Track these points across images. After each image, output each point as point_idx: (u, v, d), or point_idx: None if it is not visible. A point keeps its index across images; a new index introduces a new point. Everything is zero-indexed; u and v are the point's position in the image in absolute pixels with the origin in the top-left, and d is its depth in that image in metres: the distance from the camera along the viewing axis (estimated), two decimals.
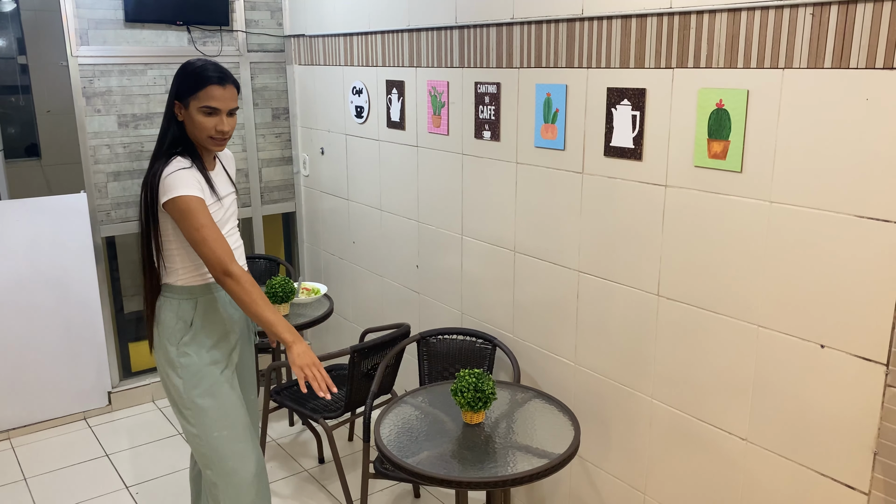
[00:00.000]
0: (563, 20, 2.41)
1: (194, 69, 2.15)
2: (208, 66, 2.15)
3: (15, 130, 5.61)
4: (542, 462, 2.08)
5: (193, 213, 2.03)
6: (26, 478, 3.34)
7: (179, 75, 2.16)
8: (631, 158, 2.26)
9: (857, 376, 1.80)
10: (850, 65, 1.70)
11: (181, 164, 2.10)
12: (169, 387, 2.24)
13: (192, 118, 2.12)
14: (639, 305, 2.33)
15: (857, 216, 1.74)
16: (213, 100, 2.11)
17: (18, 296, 3.59)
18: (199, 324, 2.21)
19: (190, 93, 2.11)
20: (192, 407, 2.21)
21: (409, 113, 3.25)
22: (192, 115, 2.12)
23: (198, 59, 2.20)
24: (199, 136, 2.15)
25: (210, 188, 2.16)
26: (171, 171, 2.07)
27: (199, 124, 2.12)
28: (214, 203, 2.17)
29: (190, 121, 2.13)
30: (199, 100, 2.10)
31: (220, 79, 2.13)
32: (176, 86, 2.15)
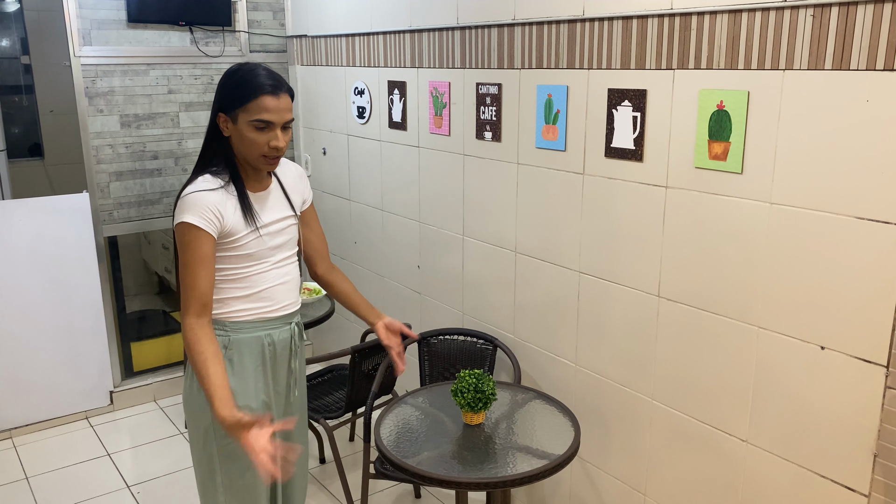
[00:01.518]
0: (564, 21, 2.42)
1: (242, 76, 1.85)
2: (259, 71, 1.85)
3: (18, 130, 5.62)
4: (543, 463, 2.08)
5: (185, 246, 1.81)
6: (28, 477, 3.35)
7: (224, 83, 1.87)
8: (631, 159, 2.26)
9: (857, 378, 1.80)
10: (850, 66, 1.70)
11: (205, 185, 1.84)
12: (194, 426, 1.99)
13: (240, 134, 1.84)
14: (639, 306, 2.33)
15: (857, 218, 1.74)
16: (265, 112, 1.82)
17: (21, 295, 3.60)
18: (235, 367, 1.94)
19: (238, 104, 1.83)
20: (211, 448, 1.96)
21: (410, 113, 3.25)
22: (242, 130, 1.84)
23: (245, 64, 1.89)
24: (250, 155, 1.87)
25: (248, 214, 1.86)
26: (190, 191, 1.83)
27: (249, 141, 1.84)
28: (250, 233, 1.88)
29: (238, 137, 1.85)
30: (250, 112, 1.82)
31: (274, 87, 1.84)
32: (220, 95, 1.87)
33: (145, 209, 3.91)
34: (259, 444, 1.67)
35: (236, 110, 1.84)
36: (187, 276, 1.82)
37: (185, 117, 3.94)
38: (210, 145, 1.92)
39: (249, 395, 1.98)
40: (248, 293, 1.94)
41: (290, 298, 2.04)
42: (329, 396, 3.20)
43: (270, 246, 1.95)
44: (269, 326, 2.00)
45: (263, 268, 1.96)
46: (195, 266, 1.81)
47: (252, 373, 1.98)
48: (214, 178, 1.87)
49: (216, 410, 1.74)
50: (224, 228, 1.85)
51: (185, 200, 1.82)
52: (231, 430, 1.71)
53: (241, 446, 1.74)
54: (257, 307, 1.97)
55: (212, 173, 1.88)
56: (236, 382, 1.95)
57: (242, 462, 1.97)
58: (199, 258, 1.81)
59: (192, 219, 1.80)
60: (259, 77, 1.84)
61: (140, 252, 5.32)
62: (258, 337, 1.98)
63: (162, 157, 3.91)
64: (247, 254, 1.91)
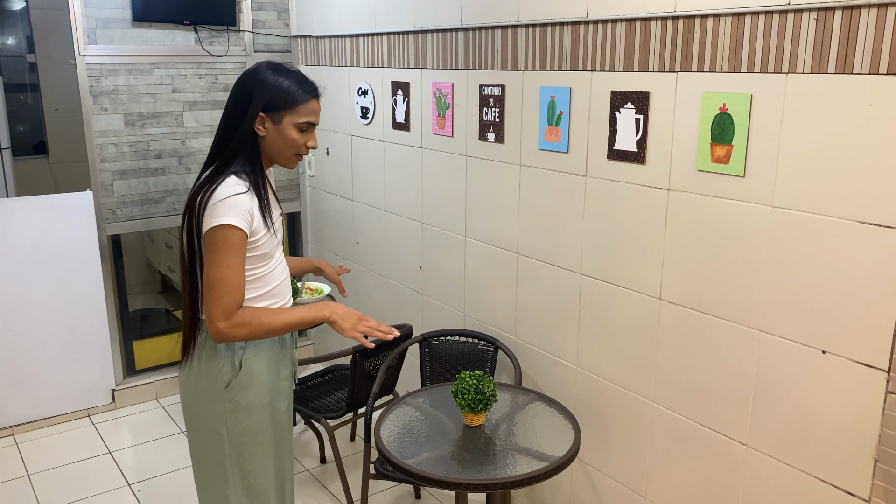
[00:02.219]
0: (567, 23, 2.42)
1: (290, 77, 1.88)
2: (300, 75, 1.90)
3: (23, 128, 5.64)
4: (543, 465, 2.08)
5: (229, 247, 1.78)
6: (30, 474, 3.36)
7: (266, 86, 1.86)
8: (634, 162, 2.26)
9: (858, 382, 1.80)
10: (853, 70, 1.70)
11: (237, 189, 1.81)
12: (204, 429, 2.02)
13: (282, 134, 1.88)
14: (641, 309, 2.33)
15: (859, 222, 1.74)
16: (313, 115, 1.90)
17: (24, 293, 3.61)
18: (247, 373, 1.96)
19: (287, 107, 1.86)
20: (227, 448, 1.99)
21: (413, 114, 3.25)
22: (285, 130, 1.88)
23: (277, 66, 1.90)
24: (283, 153, 1.92)
25: (264, 216, 1.87)
26: (228, 194, 1.79)
27: (290, 141, 1.89)
28: (267, 233, 1.89)
29: (278, 136, 1.88)
30: (299, 115, 1.87)
31: (317, 92, 1.92)
32: (263, 97, 1.86)
33: (149, 208, 3.92)
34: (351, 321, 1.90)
35: (283, 112, 1.87)
36: (232, 277, 1.80)
37: (189, 116, 3.95)
38: (234, 145, 1.88)
39: (265, 391, 2.00)
40: (262, 292, 1.95)
41: (290, 291, 2.10)
42: (330, 396, 3.20)
43: (277, 242, 1.98)
44: None
45: (273, 265, 1.98)
46: (239, 267, 1.81)
47: (266, 369, 2.00)
48: (239, 180, 1.85)
49: (321, 313, 1.91)
50: (252, 229, 1.85)
51: (225, 203, 1.78)
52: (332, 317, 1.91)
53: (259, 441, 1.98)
54: (270, 304, 1.99)
55: (236, 174, 1.86)
56: (255, 380, 1.97)
57: (256, 462, 2.02)
58: (240, 259, 1.82)
59: (235, 221, 1.78)
60: (305, 81, 1.91)
61: (143, 251, 5.34)
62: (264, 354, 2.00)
63: (166, 156, 3.92)
64: (263, 253, 1.92)
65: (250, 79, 1.90)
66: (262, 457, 2.04)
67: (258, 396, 1.99)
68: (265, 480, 2.06)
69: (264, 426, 2.03)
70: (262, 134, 1.89)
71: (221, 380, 1.95)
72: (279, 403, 2.07)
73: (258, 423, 2.01)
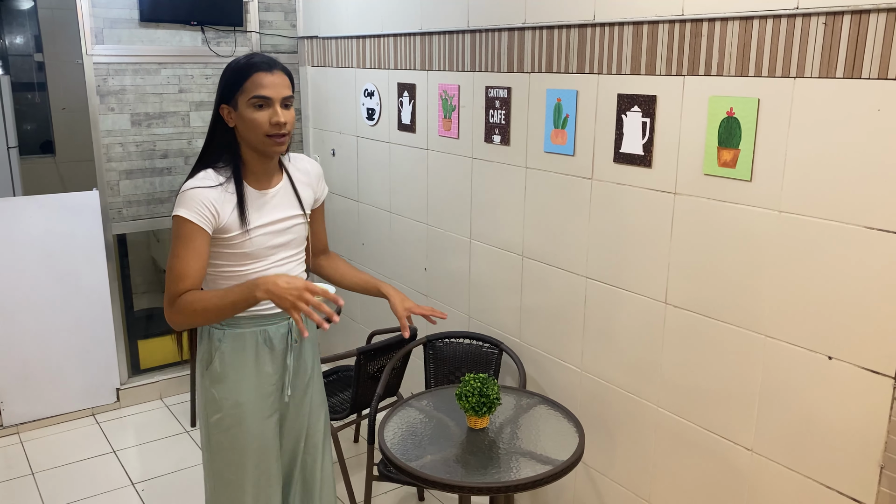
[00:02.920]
0: (574, 26, 2.41)
1: (237, 62, 1.89)
2: (252, 55, 1.89)
3: (31, 127, 5.66)
4: (546, 468, 2.08)
5: (177, 238, 1.81)
6: (34, 472, 3.36)
7: (222, 76, 1.90)
8: (640, 165, 2.25)
9: (864, 389, 1.79)
10: (861, 75, 1.69)
11: (203, 182, 1.85)
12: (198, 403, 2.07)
13: (243, 118, 1.85)
14: (646, 313, 2.32)
15: (866, 227, 1.73)
16: (261, 88, 1.83)
17: (30, 291, 3.62)
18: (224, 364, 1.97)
19: (236, 88, 1.84)
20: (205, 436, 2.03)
21: (419, 116, 3.25)
22: (243, 113, 1.84)
23: (241, 56, 1.92)
24: (255, 138, 1.86)
25: (241, 215, 1.86)
26: (189, 186, 1.84)
27: (251, 122, 1.84)
28: (243, 233, 1.88)
29: (242, 122, 1.86)
30: (247, 92, 1.83)
31: (267, 64, 1.85)
32: (220, 88, 1.89)
33: (154, 207, 3.93)
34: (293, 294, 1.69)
35: (235, 95, 1.85)
36: (177, 266, 1.81)
37: (196, 117, 3.96)
38: (212, 141, 1.92)
39: (241, 389, 1.99)
40: None
41: None
42: (334, 398, 3.20)
43: (270, 245, 1.95)
44: (263, 323, 1.99)
45: (262, 266, 1.95)
46: (187, 257, 1.81)
47: (243, 367, 1.98)
48: (216, 175, 1.87)
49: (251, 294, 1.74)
50: (219, 225, 1.86)
51: (183, 195, 1.83)
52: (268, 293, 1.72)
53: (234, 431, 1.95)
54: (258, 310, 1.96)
55: (215, 169, 1.89)
56: (230, 375, 1.97)
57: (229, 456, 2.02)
58: (191, 250, 1.81)
59: (187, 213, 1.81)
60: (252, 58, 1.88)
61: (149, 250, 5.34)
62: (252, 332, 1.98)
63: (172, 155, 3.93)
64: (244, 252, 1.91)
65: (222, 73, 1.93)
66: (234, 454, 2.01)
67: (229, 393, 1.97)
68: (239, 478, 2.03)
69: (236, 426, 1.99)
70: (231, 125, 1.89)
71: (202, 367, 2.00)
72: (257, 410, 2.00)
73: (230, 420, 1.98)
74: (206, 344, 2.00)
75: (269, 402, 2.04)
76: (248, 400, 1.99)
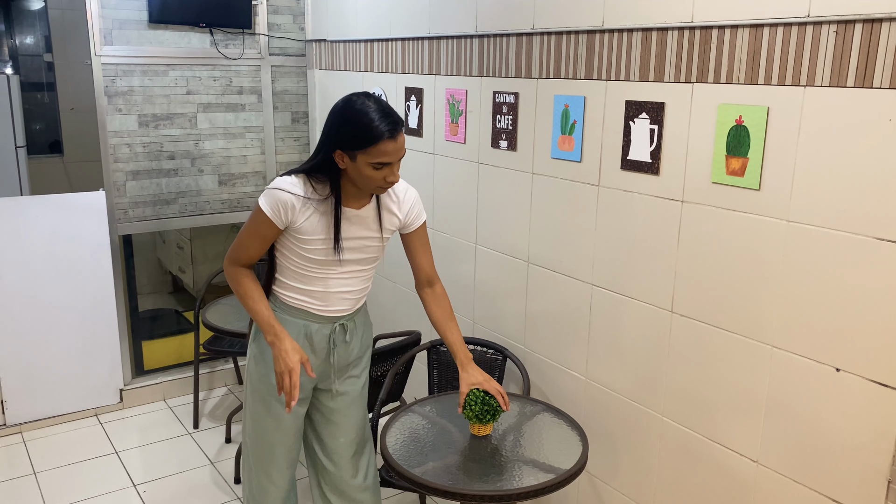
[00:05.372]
0: (583, 32, 2.40)
1: (359, 118, 1.90)
2: (373, 113, 1.90)
3: (39, 127, 5.69)
4: (549, 477, 2.06)
5: (253, 221, 2.04)
6: (36, 472, 3.36)
7: (343, 123, 1.92)
8: (648, 172, 2.24)
9: (872, 401, 1.76)
10: (872, 84, 1.67)
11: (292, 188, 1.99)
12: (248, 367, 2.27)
13: (358, 170, 1.94)
14: (652, 321, 2.31)
15: (876, 238, 1.71)
16: (385, 156, 1.91)
17: (35, 291, 3.63)
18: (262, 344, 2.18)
19: (358, 147, 1.90)
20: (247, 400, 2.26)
21: (426, 120, 3.25)
22: (360, 168, 1.93)
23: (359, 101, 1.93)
24: (365, 186, 2.00)
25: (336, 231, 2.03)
26: (278, 186, 2.00)
27: (367, 178, 1.95)
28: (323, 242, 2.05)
29: (355, 171, 1.95)
30: (370, 156, 1.91)
31: (392, 131, 1.90)
32: (338, 134, 1.93)
33: (161, 209, 3.93)
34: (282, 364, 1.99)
35: (355, 152, 1.92)
36: (245, 239, 2.07)
37: (203, 118, 3.96)
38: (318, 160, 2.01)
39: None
40: (304, 287, 2.13)
41: (343, 305, 2.19)
42: None
43: (342, 258, 2.11)
44: (310, 318, 2.17)
45: (327, 273, 2.12)
46: (254, 237, 2.06)
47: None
48: (307, 186, 2.01)
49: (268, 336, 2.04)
50: (293, 226, 2.03)
51: (272, 191, 2.01)
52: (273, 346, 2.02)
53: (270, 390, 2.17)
54: (307, 301, 2.15)
55: (312, 179, 2.02)
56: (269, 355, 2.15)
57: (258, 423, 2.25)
58: (258, 234, 2.05)
59: (265, 207, 2.01)
60: (377, 122, 1.90)
61: (154, 251, 5.36)
62: (297, 323, 2.16)
63: (178, 157, 3.93)
64: (316, 259, 2.09)
65: (337, 112, 1.97)
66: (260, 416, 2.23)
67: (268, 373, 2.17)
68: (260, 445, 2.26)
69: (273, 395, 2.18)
70: (342, 167, 1.98)
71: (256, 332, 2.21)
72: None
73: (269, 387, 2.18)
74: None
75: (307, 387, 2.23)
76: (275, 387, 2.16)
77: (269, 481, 2.30)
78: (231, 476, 3.33)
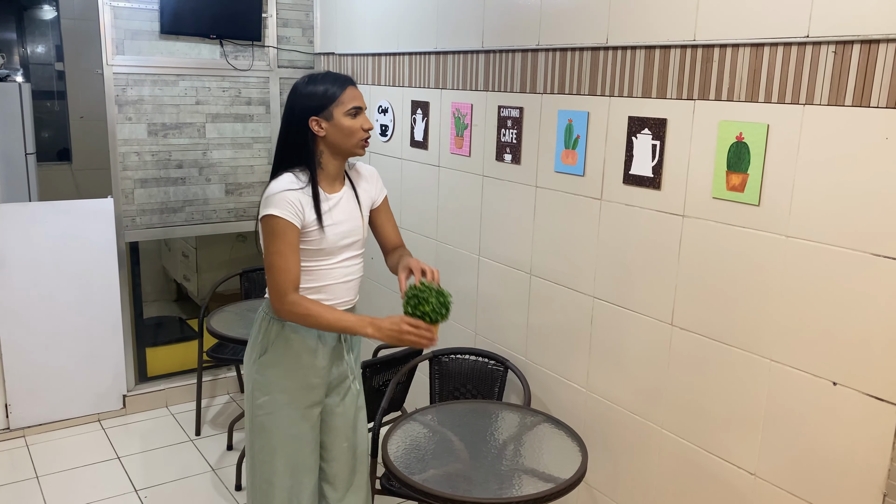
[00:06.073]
0: (587, 48, 2.44)
1: (323, 81, 2.09)
2: (332, 73, 2.12)
3: (49, 134, 5.75)
4: (549, 486, 2.08)
5: (276, 235, 2.02)
6: (38, 476, 3.38)
7: (306, 93, 2.07)
8: (650, 187, 2.27)
9: (868, 415, 1.79)
10: (870, 103, 1.71)
11: (289, 185, 2.04)
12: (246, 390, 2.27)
13: (339, 126, 2.06)
14: (652, 334, 2.33)
15: (873, 254, 1.74)
16: (355, 100, 2.09)
17: (42, 295, 3.66)
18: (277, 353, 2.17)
19: (331, 101, 2.06)
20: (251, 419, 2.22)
21: (432, 133, 3.29)
22: (339, 122, 2.06)
23: (308, 75, 2.12)
24: (349, 144, 2.09)
25: (317, 215, 2.06)
26: (277, 189, 2.03)
27: (349, 129, 2.07)
28: (315, 230, 2.08)
29: (335, 130, 2.07)
30: (344, 104, 2.06)
31: (349, 79, 2.11)
32: (307, 102, 2.06)
33: (167, 217, 3.97)
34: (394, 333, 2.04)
35: (330, 107, 2.06)
36: (280, 262, 2.03)
37: (212, 128, 4.01)
38: (292, 150, 2.10)
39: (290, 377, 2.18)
40: (311, 286, 2.14)
41: (348, 295, 2.24)
42: None
43: (340, 244, 2.15)
44: None
45: (330, 264, 2.15)
46: (287, 252, 2.03)
47: (296, 357, 2.18)
48: (297, 179, 2.07)
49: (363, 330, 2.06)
50: (304, 222, 2.06)
51: (274, 198, 2.02)
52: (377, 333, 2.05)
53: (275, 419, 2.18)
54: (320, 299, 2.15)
55: (294, 174, 2.08)
56: (281, 363, 2.17)
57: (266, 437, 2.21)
58: (288, 245, 2.03)
59: (279, 212, 2.01)
60: (337, 76, 2.10)
61: (160, 259, 5.39)
62: (310, 332, 2.17)
63: (186, 166, 3.98)
64: (317, 248, 2.11)
65: (291, 96, 2.11)
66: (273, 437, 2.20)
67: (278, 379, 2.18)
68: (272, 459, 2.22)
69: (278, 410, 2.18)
70: (322, 134, 2.08)
71: (255, 353, 2.20)
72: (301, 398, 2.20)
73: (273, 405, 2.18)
74: (263, 331, 2.18)
75: (315, 393, 2.22)
76: (293, 388, 2.18)
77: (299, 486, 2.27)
78: (232, 483, 3.35)
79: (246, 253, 4.68)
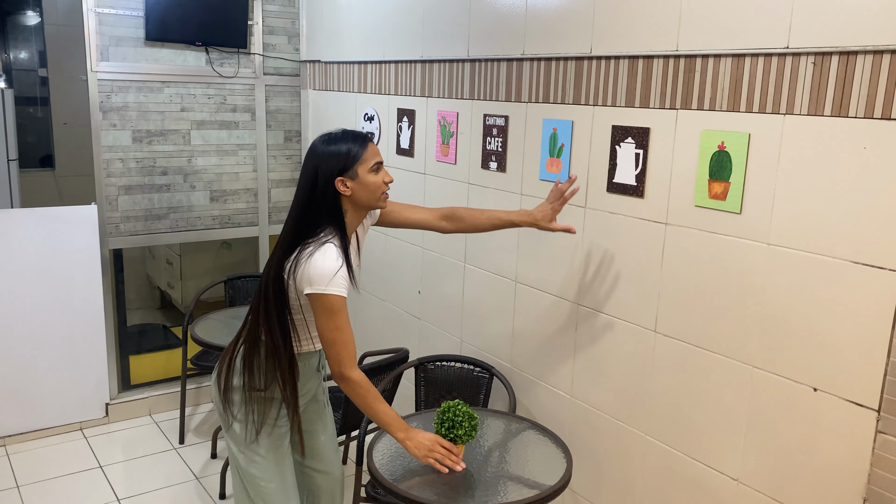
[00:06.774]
0: (571, 58, 2.47)
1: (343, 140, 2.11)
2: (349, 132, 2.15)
3: (31, 141, 5.70)
4: (533, 493, 2.08)
5: (337, 313, 2.06)
6: (19, 486, 3.34)
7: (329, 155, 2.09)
8: (633, 195, 2.30)
9: (848, 421, 1.81)
10: (849, 113, 1.74)
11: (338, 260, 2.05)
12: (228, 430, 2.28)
13: (364, 183, 2.10)
14: (636, 341, 2.35)
15: (852, 262, 1.77)
16: (376, 155, 2.14)
17: (24, 303, 3.63)
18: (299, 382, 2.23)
19: (355, 161, 2.09)
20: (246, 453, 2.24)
21: (418, 141, 3.30)
22: (364, 179, 2.10)
23: (325, 136, 2.15)
24: (372, 198, 2.14)
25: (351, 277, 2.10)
26: (334, 268, 2.03)
27: (372, 185, 2.12)
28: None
29: (361, 187, 2.11)
30: (367, 161, 2.10)
31: (367, 138, 2.16)
32: (330, 166, 2.08)
33: (152, 224, 3.95)
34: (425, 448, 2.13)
35: (355, 166, 2.09)
36: (342, 337, 2.08)
37: (197, 135, 4.00)
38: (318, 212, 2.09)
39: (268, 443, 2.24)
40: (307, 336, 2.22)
41: None
42: None
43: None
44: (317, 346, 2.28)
45: None
46: (346, 327, 2.08)
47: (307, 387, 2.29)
48: (336, 248, 2.07)
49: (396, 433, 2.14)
50: None
51: (333, 276, 2.02)
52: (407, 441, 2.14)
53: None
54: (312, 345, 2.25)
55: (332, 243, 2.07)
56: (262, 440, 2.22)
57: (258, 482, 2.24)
58: (346, 319, 2.09)
59: (342, 292, 2.05)
60: (357, 134, 2.14)
61: (144, 266, 5.36)
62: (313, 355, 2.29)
63: (171, 173, 3.96)
64: None
65: (311, 157, 2.12)
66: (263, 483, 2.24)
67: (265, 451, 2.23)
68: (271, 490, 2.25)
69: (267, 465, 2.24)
70: (347, 193, 2.10)
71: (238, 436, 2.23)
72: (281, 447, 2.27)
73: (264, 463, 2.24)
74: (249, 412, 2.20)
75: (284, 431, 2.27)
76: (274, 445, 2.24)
77: None
78: (216, 491, 3.33)
79: (230, 260, 4.66)
